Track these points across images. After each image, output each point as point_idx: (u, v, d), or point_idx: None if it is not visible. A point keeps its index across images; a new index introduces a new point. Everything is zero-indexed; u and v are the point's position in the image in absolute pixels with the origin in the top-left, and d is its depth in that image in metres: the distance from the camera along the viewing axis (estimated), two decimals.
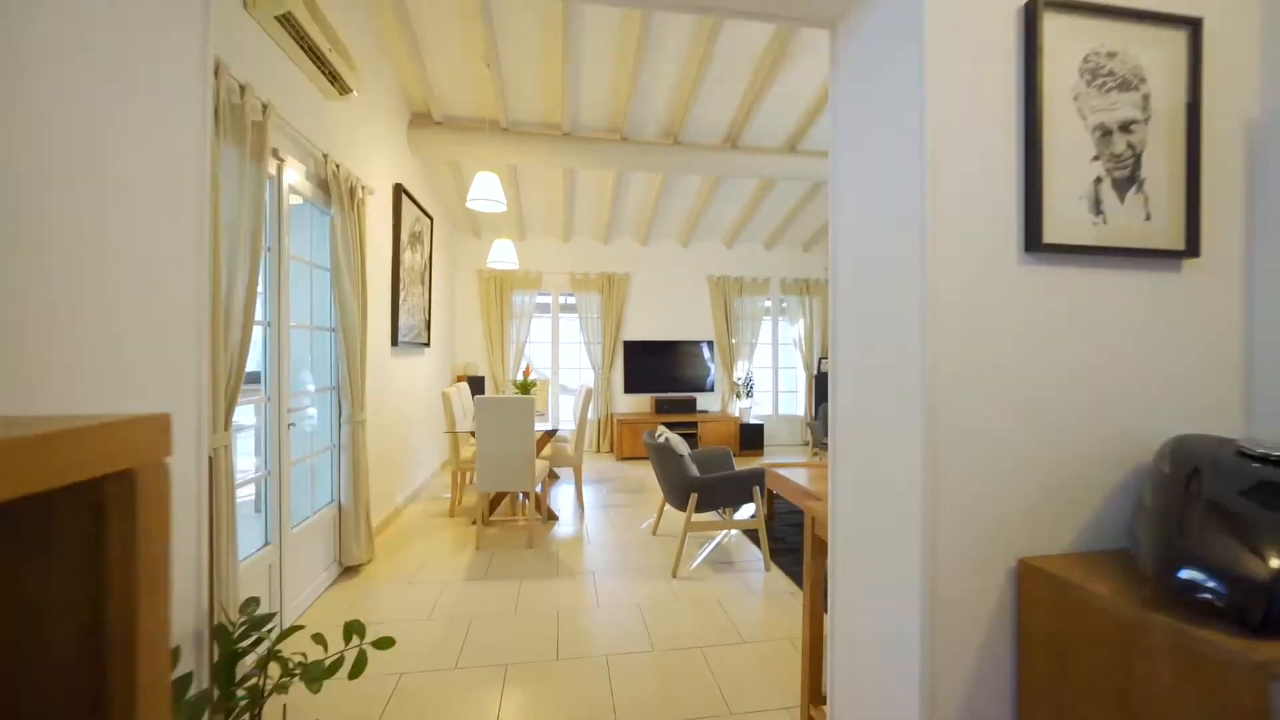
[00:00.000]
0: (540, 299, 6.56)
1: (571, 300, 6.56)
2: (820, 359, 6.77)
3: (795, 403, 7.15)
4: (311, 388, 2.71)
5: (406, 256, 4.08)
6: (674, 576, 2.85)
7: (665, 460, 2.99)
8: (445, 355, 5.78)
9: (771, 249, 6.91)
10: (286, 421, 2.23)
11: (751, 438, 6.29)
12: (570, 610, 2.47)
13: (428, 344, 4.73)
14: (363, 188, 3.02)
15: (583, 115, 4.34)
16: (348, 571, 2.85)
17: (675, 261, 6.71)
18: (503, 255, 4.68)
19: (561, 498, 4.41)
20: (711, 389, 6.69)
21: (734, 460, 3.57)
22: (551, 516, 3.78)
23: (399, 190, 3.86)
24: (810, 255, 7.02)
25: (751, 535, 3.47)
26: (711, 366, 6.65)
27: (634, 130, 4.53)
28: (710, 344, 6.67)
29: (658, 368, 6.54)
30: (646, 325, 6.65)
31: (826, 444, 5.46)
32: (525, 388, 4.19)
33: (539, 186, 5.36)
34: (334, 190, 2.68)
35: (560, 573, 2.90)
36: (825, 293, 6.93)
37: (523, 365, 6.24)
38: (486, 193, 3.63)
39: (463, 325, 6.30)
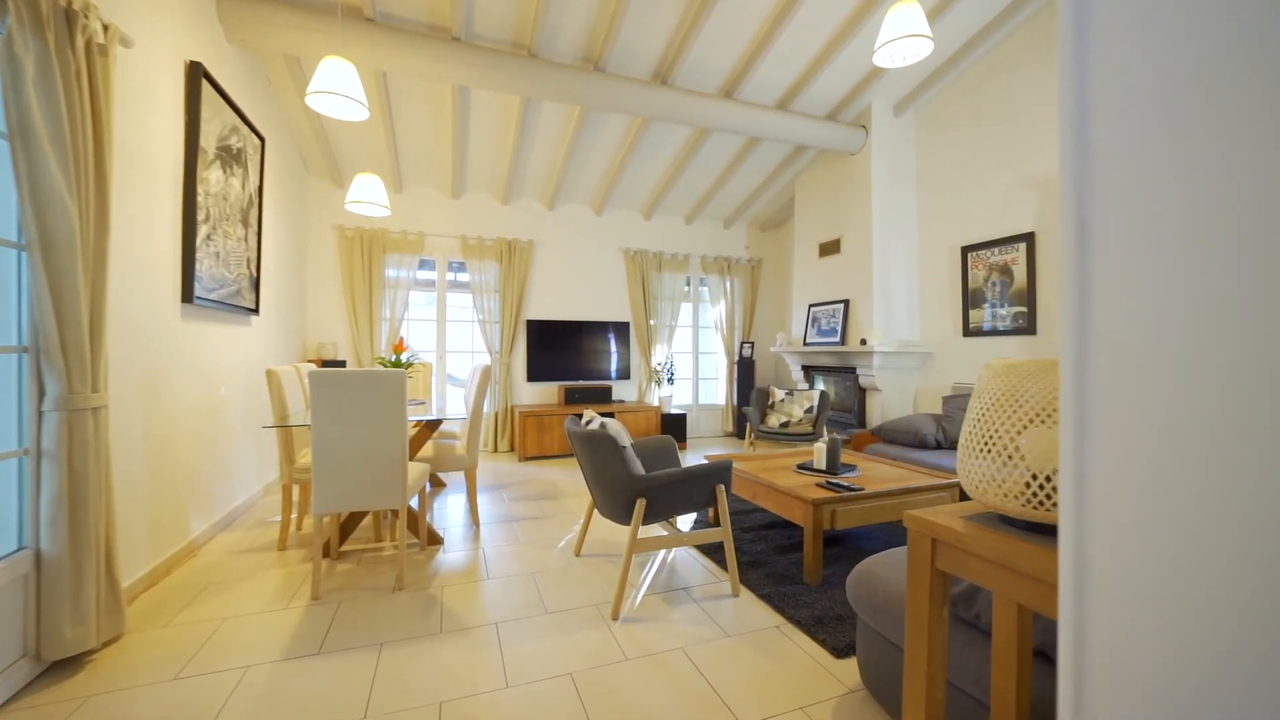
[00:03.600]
0: (423, 273, 5.36)
1: (464, 276, 5.44)
2: (743, 343, 6.30)
3: (716, 391, 6.63)
4: None
5: (214, 176, 2.82)
6: (615, 619, 2.02)
7: (600, 455, 2.15)
8: (292, 331, 4.41)
9: (692, 223, 6.31)
10: None
11: (674, 430, 5.63)
12: (462, 699, 1.55)
13: (255, 310, 3.43)
14: (105, 27, 1.83)
15: (480, 16, 3.34)
16: (56, 669, 1.66)
17: (587, 230, 5.85)
18: (367, 194, 3.51)
19: (449, 512, 3.38)
20: (628, 376, 5.93)
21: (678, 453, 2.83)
22: (434, 540, 2.77)
23: (197, 71, 2.61)
24: (730, 232, 6.53)
25: (707, 550, 2.74)
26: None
27: (546, 47, 3.62)
28: (626, 325, 5.91)
29: (567, 352, 5.65)
30: (553, 302, 5.72)
31: (764, 432, 4.96)
32: (396, 366, 3.11)
33: (420, 113, 4.23)
34: None
35: (445, 628, 1.94)
36: (746, 273, 6.49)
37: (395, 340, 5.01)
38: (336, 84, 2.53)
39: (318, 295, 4.93)
